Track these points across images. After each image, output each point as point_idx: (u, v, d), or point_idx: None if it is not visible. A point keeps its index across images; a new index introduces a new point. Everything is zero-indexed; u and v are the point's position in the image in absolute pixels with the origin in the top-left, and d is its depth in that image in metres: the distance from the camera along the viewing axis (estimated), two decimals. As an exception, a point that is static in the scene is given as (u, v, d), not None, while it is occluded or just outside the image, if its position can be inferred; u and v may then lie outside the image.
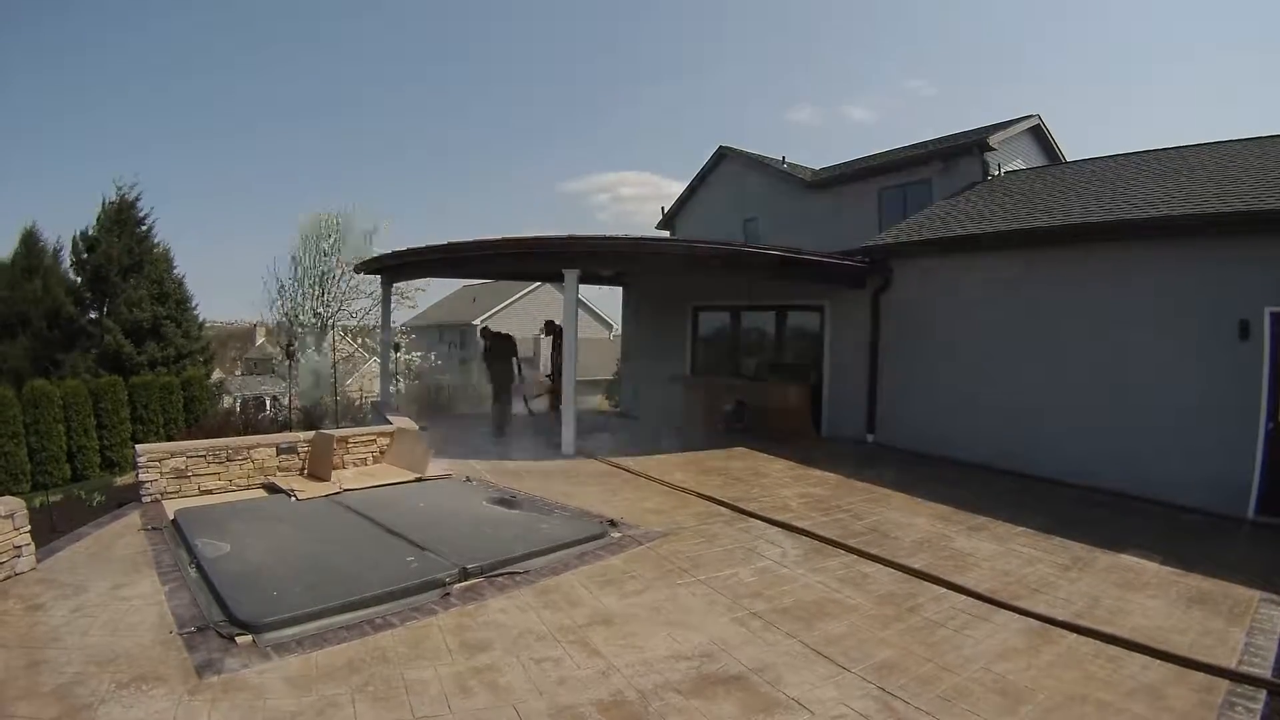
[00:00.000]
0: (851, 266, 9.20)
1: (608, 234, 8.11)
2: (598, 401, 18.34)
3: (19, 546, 3.96)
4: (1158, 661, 3.17)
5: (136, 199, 20.40)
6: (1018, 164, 12.33)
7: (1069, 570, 4.42)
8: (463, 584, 3.95)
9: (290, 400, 11.81)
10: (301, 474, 6.52)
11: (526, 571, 4.19)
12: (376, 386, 15.27)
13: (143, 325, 17.98)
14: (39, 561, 4.10)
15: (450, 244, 8.56)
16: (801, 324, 10.78)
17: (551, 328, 11.51)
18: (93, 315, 19.19)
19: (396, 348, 15.54)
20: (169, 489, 5.78)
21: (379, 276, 12.93)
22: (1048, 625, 3.54)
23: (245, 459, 6.26)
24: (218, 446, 6.22)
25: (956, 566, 4.45)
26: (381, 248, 15.35)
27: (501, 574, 4.12)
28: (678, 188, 17.73)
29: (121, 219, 19.90)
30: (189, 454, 5.97)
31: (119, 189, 20.22)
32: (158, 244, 20.46)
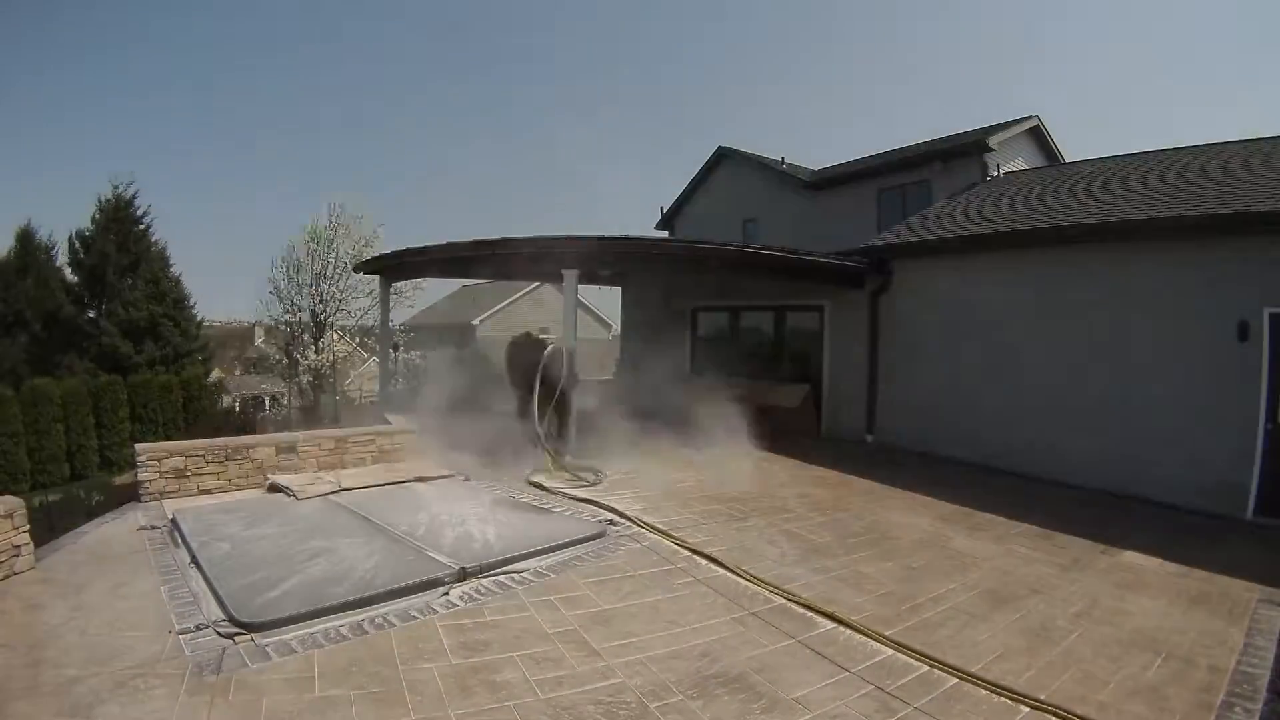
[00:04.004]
0: (850, 267, 9.20)
1: (607, 234, 8.09)
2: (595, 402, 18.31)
3: (18, 546, 3.95)
4: (1159, 660, 3.17)
5: (133, 197, 20.37)
6: (1018, 164, 12.34)
7: (1069, 571, 4.42)
8: (462, 583, 3.94)
9: (289, 400, 11.81)
10: (315, 471, 6.49)
11: (526, 571, 4.19)
12: (375, 386, 15.25)
13: (139, 325, 17.96)
14: (38, 561, 4.09)
15: (449, 244, 8.55)
16: (801, 324, 10.78)
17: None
18: (90, 315, 19.16)
19: (396, 347, 15.51)
20: (168, 488, 5.77)
21: (378, 276, 12.93)
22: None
23: (244, 458, 6.25)
24: (217, 446, 6.21)
25: (956, 567, 4.46)
26: (379, 248, 15.33)
27: (501, 573, 4.12)
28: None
29: (118, 217, 19.86)
30: (188, 453, 5.96)
31: (115, 187, 20.19)
32: (155, 242, 20.43)
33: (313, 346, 15.32)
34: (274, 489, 6.05)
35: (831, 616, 3.63)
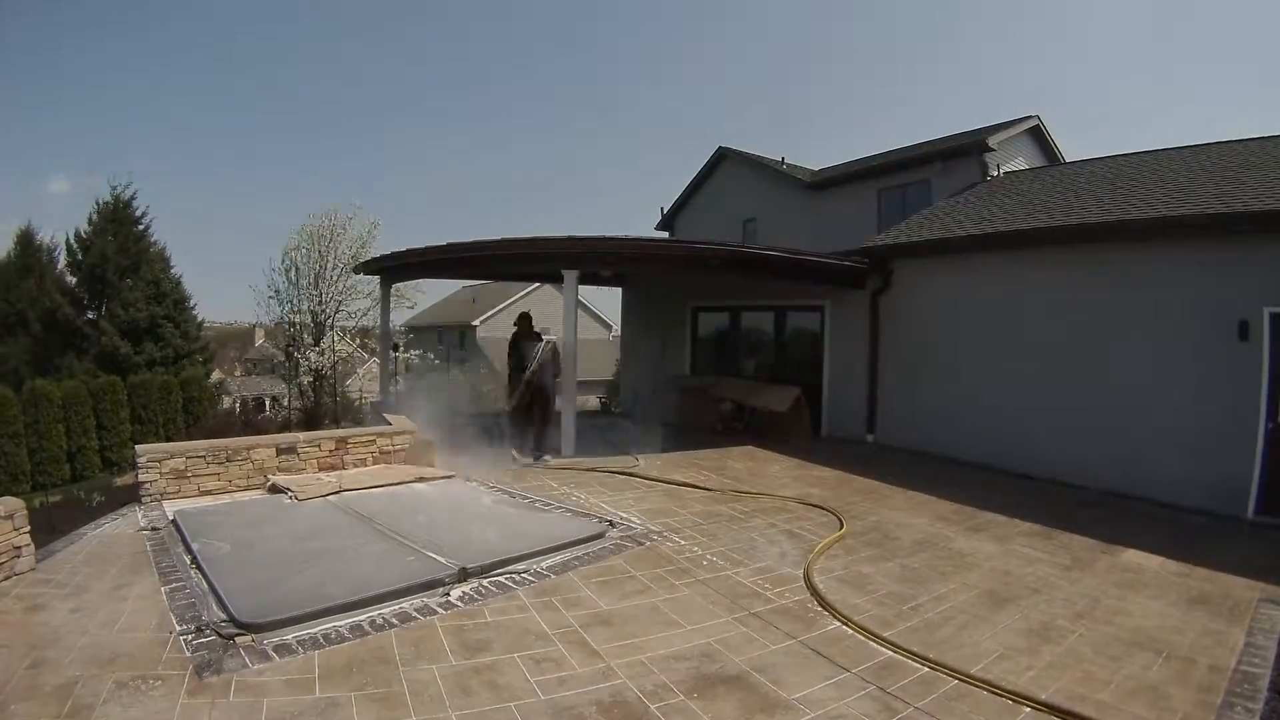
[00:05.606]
0: (851, 267, 9.21)
1: (607, 234, 8.09)
2: (596, 402, 18.35)
3: (19, 547, 3.95)
4: (1160, 660, 3.17)
5: (132, 198, 20.40)
6: (1018, 164, 12.35)
7: (1069, 570, 4.42)
8: (463, 584, 3.94)
9: (289, 400, 11.80)
10: (319, 471, 6.50)
11: (526, 571, 4.19)
12: (376, 386, 15.25)
13: (139, 326, 17.97)
14: (38, 562, 4.10)
15: (449, 244, 8.56)
16: (801, 324, 10.78)
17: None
18: (90, 316, 19.19)
19: (396, 348, 15.50)
20: (169, 489, 5.77)
21: (378, 277, 12.92)
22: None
23: (245, 459, 6.25)
24: (217, 447, 6.21)
25: (956, 567, 4.46)
26: (378, 247, 15.33)
27: (501, 574, 4.12)
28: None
29: (117, 218, 19.89)
30: (189, 454, 5.96)
31: (113, 188, 20.23)
32: (154, 243, 20.46)
33: (314, 348, 15.31)
34: (274, 490, 6.05)
35: (834, 615, 3.63)
